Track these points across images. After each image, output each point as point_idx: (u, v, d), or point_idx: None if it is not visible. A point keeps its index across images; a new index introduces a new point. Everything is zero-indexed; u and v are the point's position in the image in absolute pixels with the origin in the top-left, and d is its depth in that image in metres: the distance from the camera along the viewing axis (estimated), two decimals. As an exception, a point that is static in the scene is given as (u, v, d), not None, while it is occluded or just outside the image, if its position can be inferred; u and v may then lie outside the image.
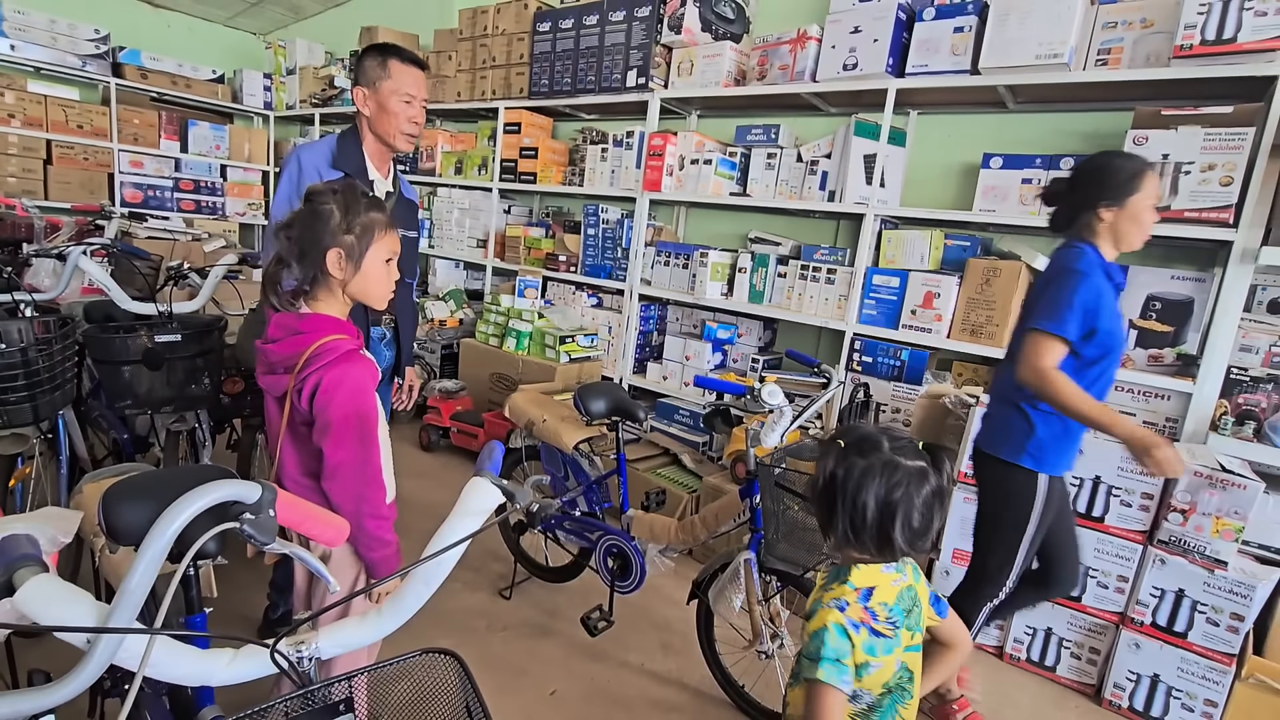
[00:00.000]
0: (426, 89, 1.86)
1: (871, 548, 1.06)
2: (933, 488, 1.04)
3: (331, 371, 1.17)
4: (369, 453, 1.22)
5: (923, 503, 1.03)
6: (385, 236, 1.26)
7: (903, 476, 1.02)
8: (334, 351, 1.18)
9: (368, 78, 1.79)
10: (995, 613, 1.85)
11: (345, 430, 1.18)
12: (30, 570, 0.61)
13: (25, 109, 4.94)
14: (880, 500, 1.03)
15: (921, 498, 1.03)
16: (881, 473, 1.03)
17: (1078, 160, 2.33)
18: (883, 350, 2.71)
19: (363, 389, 1.20)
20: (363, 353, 1.25)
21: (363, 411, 1.20)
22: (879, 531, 1.04)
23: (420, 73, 1.83)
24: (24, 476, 1.88)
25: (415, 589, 0.75)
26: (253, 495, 0.68)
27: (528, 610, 2.31)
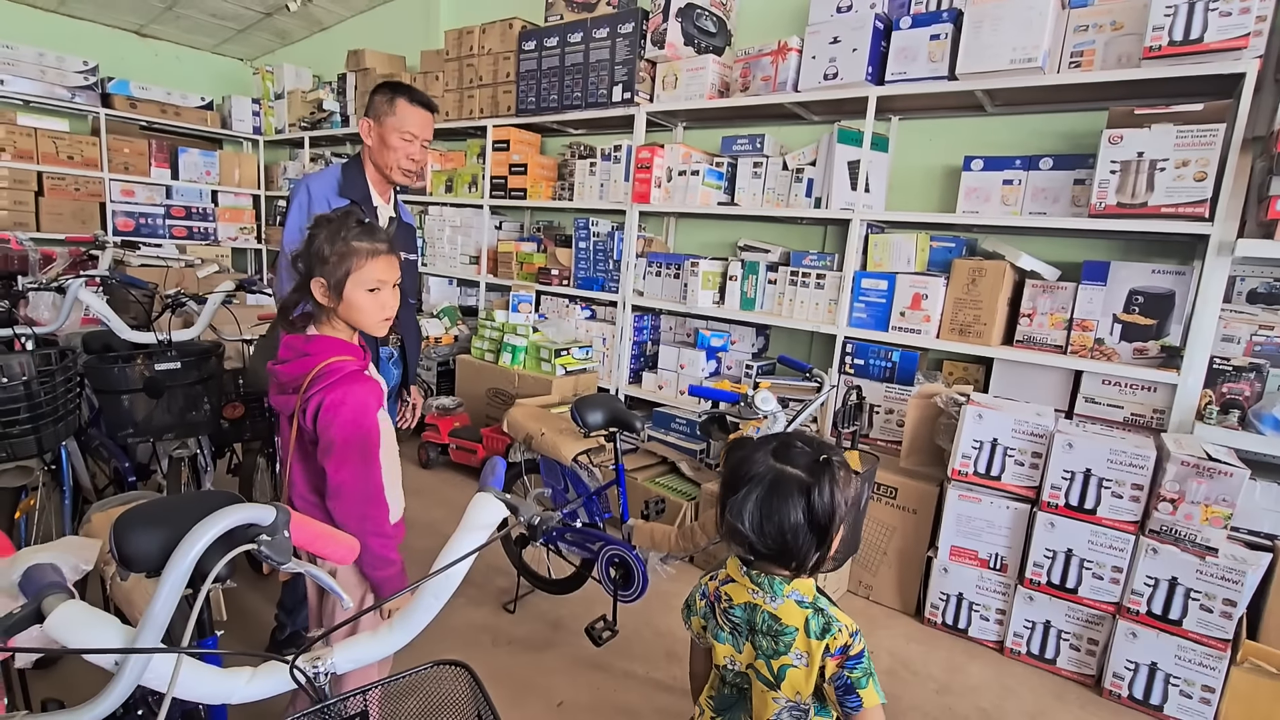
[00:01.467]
0: (431, 130, 1.92)
1: (723, 530, 1.09)
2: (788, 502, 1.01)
3: (334, 392, 1.20)
4: (370, 472, 1.24)
5: (765, 504, 1.02)
6: (368, 264, 1.24)
7: (758, 466, 1.05)
8: (337, 372, 1.21)
9: (375, 111, 1.86)
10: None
11: (347, 450, 1.21)
12: (58, 598, 0.64)
13: (15, 142, 4.97)
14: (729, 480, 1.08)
15: (764, 499, 1.02)
16: (743, 457, 1.08)
17: (1056, 160, 2.41)
18: (874, 352, 2.75)
19: (365, 409, 1.22)
20: (368, 373, 1.28)
21: (364, 432, 1.22)
22: (724, 516, 1.08)
23: (426, 114, 1.89)
24: (29, 508, 1.90)
25: (425, 603, 0.78)
26: (268, 517, 0.71)
27: (532, 623, 2.32)
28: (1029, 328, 2.45)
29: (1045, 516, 2.15)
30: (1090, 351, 2.32)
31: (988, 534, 2.28)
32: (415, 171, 1.93)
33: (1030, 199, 2.48)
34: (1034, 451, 2.19)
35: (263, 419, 2.40)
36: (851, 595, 2.61)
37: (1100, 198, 2.21)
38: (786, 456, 1.05)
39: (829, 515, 1.01)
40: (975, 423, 2.25)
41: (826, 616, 1.05)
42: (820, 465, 1.03)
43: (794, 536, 1.01)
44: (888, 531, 2.51)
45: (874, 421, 2.78)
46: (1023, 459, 2.21)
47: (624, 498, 2.20)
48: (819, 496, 1.00)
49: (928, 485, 2.44)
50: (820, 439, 1.13)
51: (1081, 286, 2.33)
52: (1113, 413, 2.32)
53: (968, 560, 2.32)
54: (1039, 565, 2.17)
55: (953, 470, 2.30)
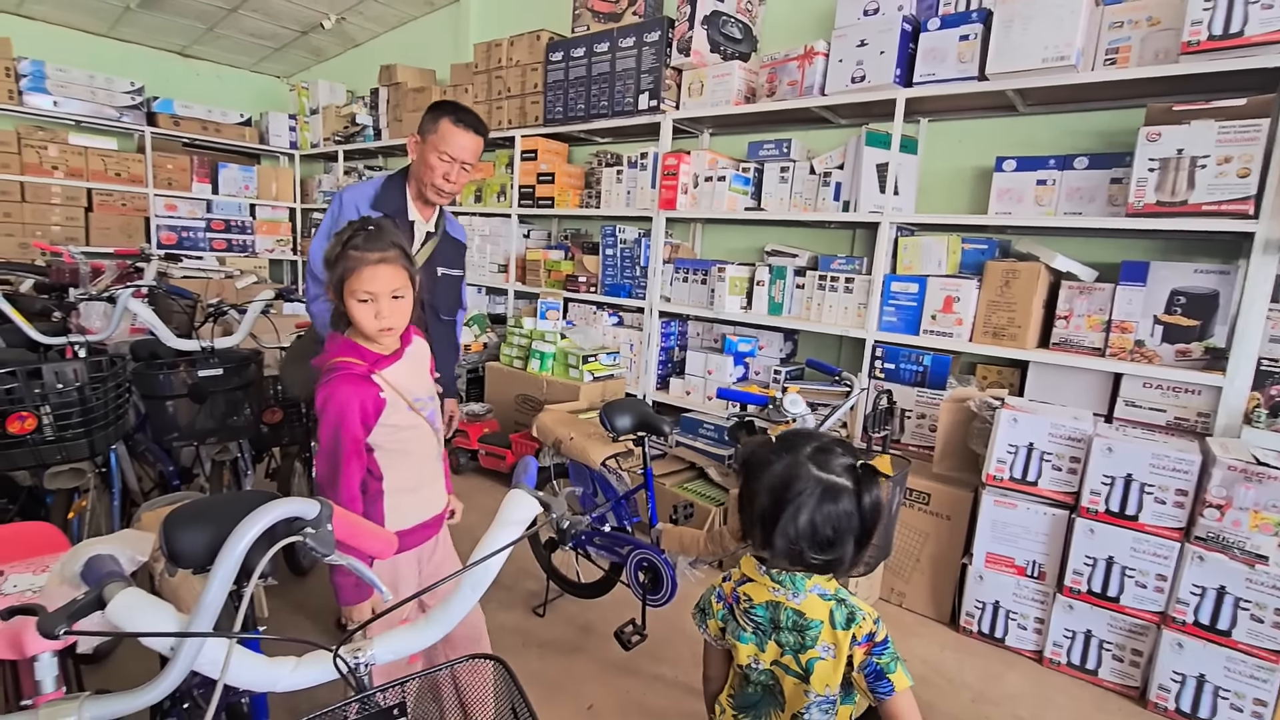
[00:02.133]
0: (473, 154, 1.88)
1: (757, 541, 1.08)
2: (838, 507, 1.01)
3: (323, 390, 1.24)
4: (336, 475, 1.25)
5: (816, 513, 1.01)
6: (358, 274, 1.23)
7: (802, 479, 1.03)
8: (335, 371, 1.26)
9: (422, 128, 1.88)
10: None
11: (323, 446, 1.25)
12: (118, 585, 0.67)
13: (67, 160, 5.20)
14: (771, 496, 1.04)
15: (817, 509, 1.01)
16: (782, 471, 1.05)
17: (1091, 159, 2.37)
18: (905, 356, 2.72)
19: (344, 410, 1.23)
20: (376, 377, 1.28)
21: (339, 432, 1.24)
22: (763, 526, 1.05)
23: (469, 137, 1.85)
24: (81, 509, 1.97)
25: (462, 595, 0.80)
26: (312, 511, 0.73)
27: (561, 627, 2.34)
28: (1065, 330, 2.40)
29: (1085, 523, 2.09)
30: (1130, 354, 2.27)
31: (1024, 540, 2.24)
32: (450, 193, 1.91)
33: (1065, 199, 2.44)
34: (1072, 456, 2.14)
35: (300, 423, 2.46)
36: (884, 602, 2.57)
37: (1138, 196, 2.16)
38: (828, 464, 1.05)
39: (875, 519, 1.02)
40: (1010, 427, 2.21)
41: (849, 606, 1.06)
42: (864, 470, 1.04)
43: (844, 545, 1.02)
44: (921, 538, 2.47)
45: (905, 426, 2.75)
46: (1060, 464, 2.16)
47: (652, 502, 2.20)
48: (868, 501, 1.01)
49: (962, 491, 2.40)
50: (843, 439, 1.12)
51: (1120, 287, 2.28)
52: (1155, 416, 2.26)
53: (1004, 567, 2.28)
54: (1079, 573, 2.12)
55: (987, 475, 2.25)
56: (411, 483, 1.40)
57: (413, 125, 4.90)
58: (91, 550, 0.77)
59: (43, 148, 5.08)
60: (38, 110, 5.08)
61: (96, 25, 5.66)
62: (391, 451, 1.34)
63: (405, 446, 1.36)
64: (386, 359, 1.34)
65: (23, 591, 0.98)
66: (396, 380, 1.34)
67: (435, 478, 1.48)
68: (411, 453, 1.38)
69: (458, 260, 2.08)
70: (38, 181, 5.07)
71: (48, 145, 5.10)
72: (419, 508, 1.43)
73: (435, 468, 1.48)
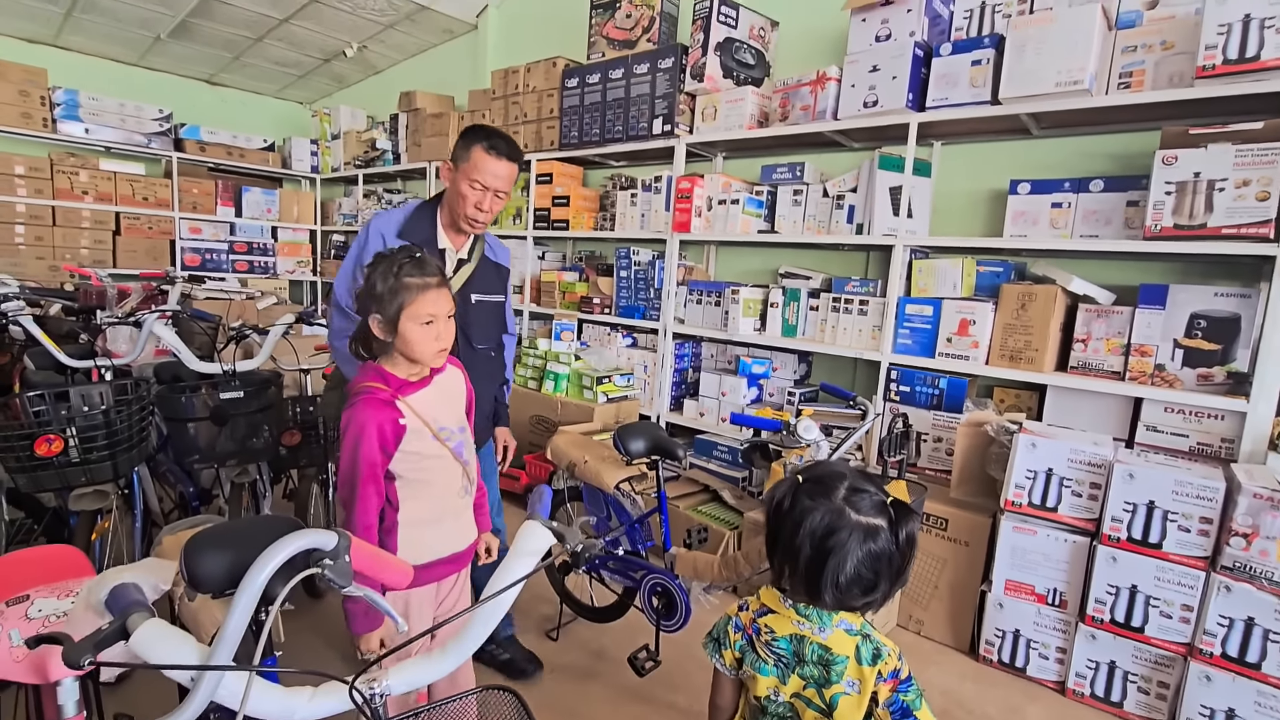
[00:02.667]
0: (508, 182, 1.83)
1: (801, 589, 1.06)
2: (878, 548, 1.01)
3: (346, 413, 1.27)
4: (352, 500, 1.26)
5: (861, 558, 1.01)
6: (420, 298, 1.27)
7: (845, 527, 1.01)
8: (358, 395, 1.27)
9: (455, 155, 1.84)
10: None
11: (342, 471, 1.27)
12: (141, 616, 0.68)
13: (97, 185, 5.35)
14: (815, 546, 1.02)
15: (860, 553, 1.01)
16: (823, 518, 1.03)
17: (1106, 182, 2.36)
18: (920, 379, 2.70)
19: (362, 433, 1.25)
20: (399, 403, 1.29)
21: (355, 456, 1.25)
22: (807, 575, 1.04)
23: (503, 164, 1.80)
24: (104, 530, 2.00)
25: (476, 628, 0.80)
26: (330, 543, 0.74)
27: (575, 651, 2.32)
28: (1084, 353, 2.38)
29: (1106, 550, 2.05)
30: (1150, 378, 2.24)
31: (1044, 568, 2.20)
32: (484, 222, 1.86)
33: (1081, 222, 2.43)
34: (1092, 482, 2.10)
35: (318, 445, 2.49)
36: (901, 630, 2.53)
37: (1155, 220, 2.15)
38: (862, 505, 1.04)
39: (910, 554, 1.02)
40: (1029, 452, 2.18)
41: (875, 643, 1.06)
42: (897, 507, 1.03)
43: (885, 582, 1.02)
44: (938, 564, 2.43)
45: (921, 450, 2.72)
46: (1080, 490, 2.13)
47: (666, 526, 2.19)
48: (904, 538, 1.01)
49: (979, 516, 2.37)
50: (868, 472, 1.12)
51: (1138, 310, 2.25)
52: (1177, 442, 2.22)
53: (1024, 595, 2.24)
54: (1101, 602, 2.08)
55: (1006, 501, 2.22)
56: (432, 515, 1.38)
57: (432, 150, 5.00)
58: (116, 579, 0.79)
59: (74, 173, 5.24)
60: (70, 137, 5.25)
61: (128, 55, 5.85)
62: (412, 482, 1.33)
63: (428, 477, 1.35)
64: (413, 385, 1.34)
65: (47, 616, 1.00)
66: (422, 407, 1.33)
67: (460, 512, 1.46)
68: (434, 484, 1.37)
69: (497, 285, 2.00)
70: (68, 206, 5.22)
71: (79, 171, 5.26)
72: (440, 542, 1.42)
73: (460, 502, 1.45)
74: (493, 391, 2.06)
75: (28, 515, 2.23)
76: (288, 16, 4.97)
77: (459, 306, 1.88)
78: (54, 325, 2.94)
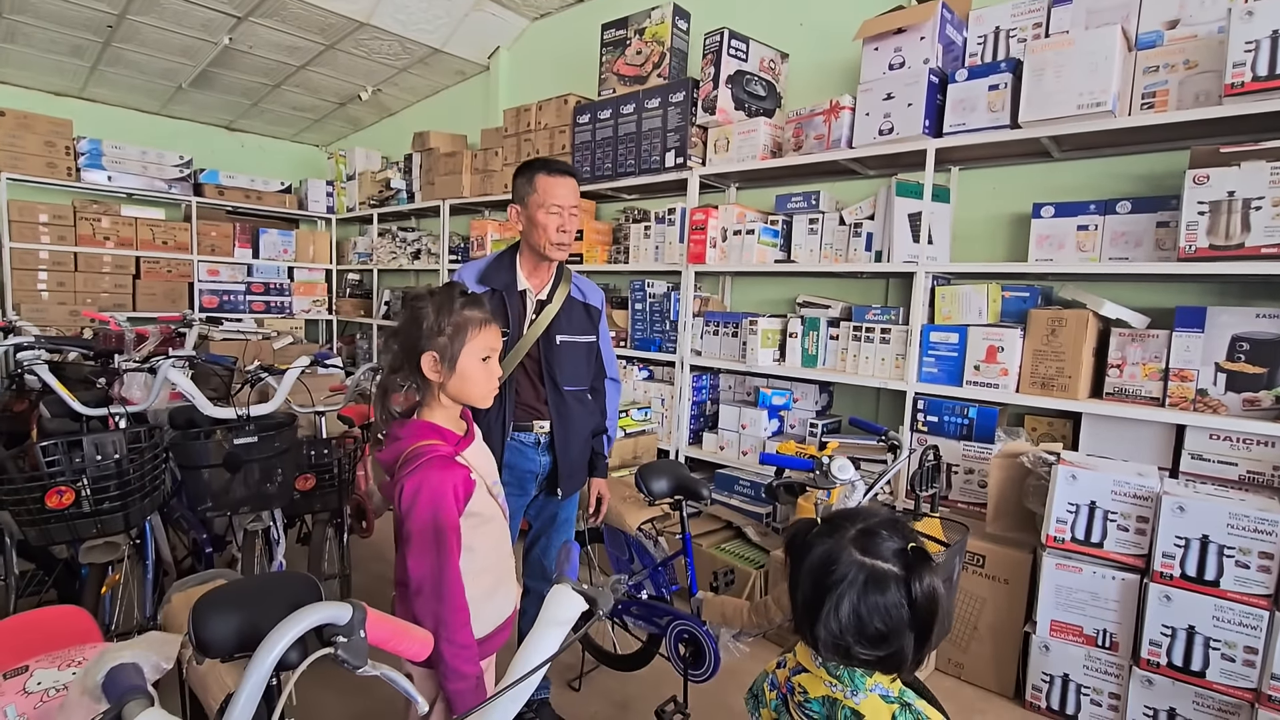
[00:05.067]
0: (577, 196, 1.84)
1: (805, 629, 1.00)
2: (885, 597, 0.93)
3: (413, 478, 1.15)
4: (444, 569, 1.15)
5: (862, 604, 0.93)
6: (481, 334, 1.24)
7: (843, 564, 0.95)
8: (420, 457, 1.18)
9: (518, 194, 1.84)
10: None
11: (421, 542, 1.15)
12: (139, 704, 0.62)
13: (118, 231, 5.44)
14: (813, 583, 0.97)
15: (860, 597, 0.93)
16: (822, 555, 0.97)
17: (1134, 203, 2.30)
18: (948, 409, 2.62)
19: (440, 497, 1.15)
20: (461, 459, 1.22)
21: (440, 523, 1.15)
22: (805, 614, 0.98)
23: (565, 183, 1.81)
24: (114, 583, 1.95)
25: (505, 707, 0.74)
26: (345, 616, 0.68)
27: (598, 702, 2.22)
28: (1119, 379, 2.29)
29: (1159, 589, 1.94)
30: (1192, 404, 2.14)
31: (1092, 608, 2.08)
32: (568, 244, 1.84)
33: (1109, 244, 2.36)
34: (1139, 516, 2.00)
35: (332, 491, 2.44)
36: (940, 674, 2.40)
37: (1189, 240, 2.08)
38: (873, 549, 0.97)
39: (932, 610, 0.93)
40: (1069, 484, 2.09)
41: (915, 712, 0.96)
42: (914, 555, 0.95)
43: (898, 639, 0.93)
44: (977, 604, 2.32)
45: (952, 482, 2.63)
46: (1127, 524, 2.02)
47: (691, 569, 2.11)
48: (919, 590, 0.92)
49: (1019, 552, 2.26)
50: (894, 517, 1.04)
51: (1175, 334, 2.17)
52: (1225, 470, 2.11)
53: (1071, 637, 2.12)
54: (1156, 644, 1.95)
55: (1047, 537, 2.12)
56: (486, 586, 1.28)
57: (445, 188, 5.04)
58: (115, 659, 0.73)
59: (96, 220, 5.33)
60: (93, 185, 5.36)
61: (151, 104, 6.00)
62: (471, 548, 1.22)
63: (483, 540, 1.26)
64: (465, 439, 1.27)
65: (46, 690, 0.95)
66: (475, 462, 1.27)
67: (509, 575, 1.37)
68: (488, 548, 1.28)
69: (585, 326, 1.95)
70: (90, 252, 5.30)
71: (100, 217, 5.35)
72: (495, 612, 1.32)
73: (509, 563, 1.38)
74: (584, 438, 1.97)
75: (39, 567, 2.19)
76: (305, 63, 5.08)
77: (542, 347, 1.86)
78: (73, 371, 2.94)
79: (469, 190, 4.76)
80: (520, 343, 1.83)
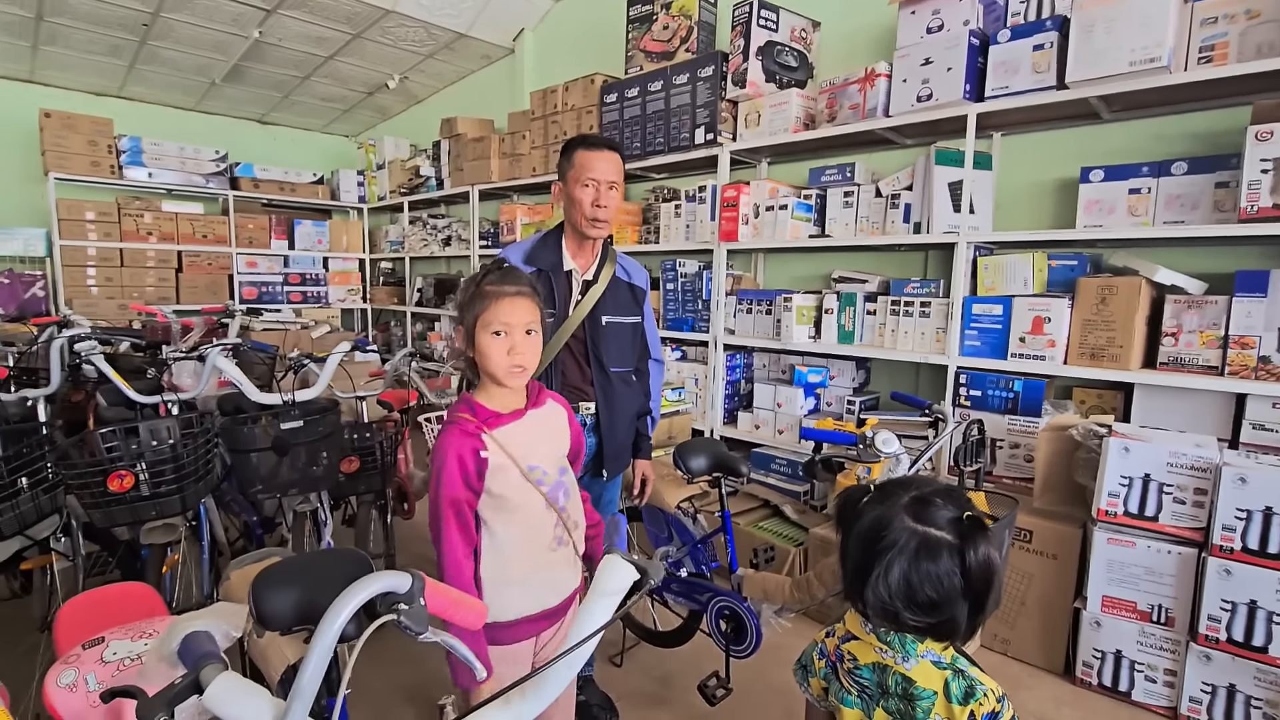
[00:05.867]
0: (616, 171, 1.80)
1: (854, 595, 1.00)
2: (938, 565, 0.92)
3: (435, 445, 1.24)
4: (438, 539, 1.21)
5: (913, 570, 0.93)
6: (493, 307, 1.21)
7: (895, 530, 0.95)
8: (444, 427, 1.24)
9: (560, 171, 1.84)
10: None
11: (429, 508, 1.23)
12: (214, 668, 0.64)
13: (160, 226, 5.59)
14: (864, 549, 0.97)
15: (912, 564, 0.93)
16: (872, 521, 0.97)
17: (1190, 163, 2.19)
18: (992, 382, 2.56)
19: (444, 465, 1.20)
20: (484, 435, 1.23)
21: (438, 491, 1.20)
22: (854, 579, 0.98)
23: (605, 154, 1.78)
24: (174, 564, 2.03)
25: (559, 674, 0.74)
26: (405, 585, 0.70)
27: (640, 678, 2.25)
28: (1174, 348, 2.21)
29: (1218, 563, 1.88)
30: (1254, 372, 2.05)
31: (1147, 582, 2.03)
32: (606, 220, 1.80)
33: (1163, 208, 2.27)
34: (1197, 488, 1.93)
35: (375, 473, 2.49)
36: (986, 650, 2.37)
37: (1251, 201, 1.98)
38: (927, 516, 0.95)
39: (986, 579, 0.91)
40: (1121, 456, 2.02)
41: (969, 679, 0.95)
42: (969, 524, 0.94)
43: (950, 608, 0.92)
44: (1025, 579, 2.27)
45: (997, 457, 2.57)
46: (1183, 496, 1.96)
47: (731, 546, 2.10)
48: (974, 560, 0.90)
49: (1068, 527, 2.21)
50: (950, 486, 1.03)
51: (1236, 299, 2.08)
52: (1290, 440, 2.03)
53: (1124, 612, 2.06)
54: (1215, 620, 1.89)
55: (1098, 510, 2.06)
56: (517, 575, 1.26)
57: (474, 173, 5.06)
58: (188, 627, 0.76)
59: (139, 216, 5.49)
60: (135, 182, 5.51)
61: (186, 101, 6.13)
62: (495, 531, 1.24)
63: (511, 525, 1.24)
64: (503, 418, 1.25)
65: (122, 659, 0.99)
66: (511, 442, 1.24)
67: (553, 566, 1.31)
68: (518, 535, 1.25)
69: (630, 307, 1.94)
70: (135, 247, 5.47)
71: (143, 213, 5.51)
72: (525, 600, 1.28)
73: (552, 556, 1.30)
74: (629, 419, 1.97)
75: (103, 548, 2.28)
76: (333, 54, 5.13)
77: (588, 328, 1.84)
78: (124, 362, 3.04)
79: (497, 175, 4.77)
80: (566, 324, 1.82)
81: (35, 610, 2.28)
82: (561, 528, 1.30)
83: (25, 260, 5.30)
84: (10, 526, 1.86)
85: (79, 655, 0.99)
